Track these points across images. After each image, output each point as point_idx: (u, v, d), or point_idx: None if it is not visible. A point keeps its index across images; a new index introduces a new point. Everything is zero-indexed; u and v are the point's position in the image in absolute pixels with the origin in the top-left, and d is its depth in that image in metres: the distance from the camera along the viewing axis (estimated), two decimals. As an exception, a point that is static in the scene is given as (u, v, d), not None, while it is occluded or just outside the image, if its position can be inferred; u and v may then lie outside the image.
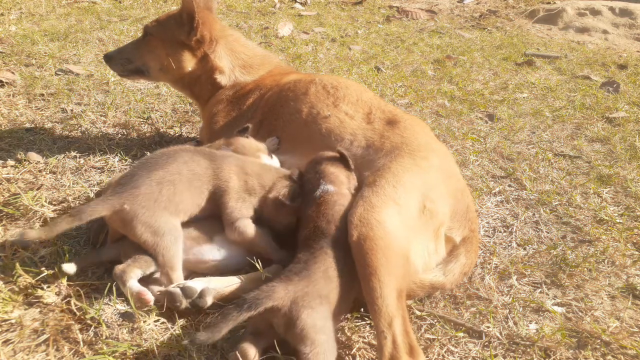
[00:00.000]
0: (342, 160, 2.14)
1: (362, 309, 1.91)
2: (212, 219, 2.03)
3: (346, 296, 1.74)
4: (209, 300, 1.82)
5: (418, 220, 1.96)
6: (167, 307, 1.79)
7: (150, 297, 1.78)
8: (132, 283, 1.80)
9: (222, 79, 2.87)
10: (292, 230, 2.06)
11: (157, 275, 1.90)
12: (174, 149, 2.05)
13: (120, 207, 1.82)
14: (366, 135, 2.34)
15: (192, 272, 1.97)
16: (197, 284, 1.83)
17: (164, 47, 2.82)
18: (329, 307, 1.64)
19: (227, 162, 2.07)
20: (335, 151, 2.17)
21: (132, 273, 1.81)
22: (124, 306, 1.82)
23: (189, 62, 2.83)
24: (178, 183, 1.92)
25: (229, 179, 2.02)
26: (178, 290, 1.79)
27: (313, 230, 1.86)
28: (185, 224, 1.96)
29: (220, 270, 1.99)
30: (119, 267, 1.83)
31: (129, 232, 1.86)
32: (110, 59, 2.95)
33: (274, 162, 2.35)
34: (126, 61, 2.92)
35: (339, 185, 2.03)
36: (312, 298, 1.59)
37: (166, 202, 1.88)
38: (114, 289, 1.85)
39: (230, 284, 1.90)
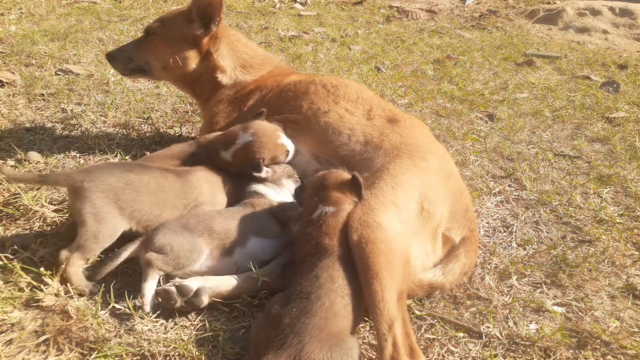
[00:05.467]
0: (354, 186, 1.97)
1: (363, 309, 1.90)
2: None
3: (358, 314, 1.72)
4: (205, 300, 1.82)
5: (417, 221, 1.96)
6: (166, 307, 1.79)
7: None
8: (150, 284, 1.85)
9: (224, 78, 2.89)
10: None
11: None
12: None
13: (80, 183, 1.91)
14: (365, 131, 2.34)
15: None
16: (193, 283, 1.83)
17: (168, 46, 2.83)
18: (337, 339, 1.55)
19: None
20: (343, 172, 2.04)
21: (155, 273, 1.85)
22: (123, 306, 1.82)
23: (194, 60, 2.85)
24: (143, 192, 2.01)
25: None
26: (173, 289, 1.79)
27: (314, 247, 1.81)
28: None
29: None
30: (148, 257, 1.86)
31: (76, 207, 1.91)
32: (112, 57, 2.98)
33: (289, 142, 2.37)
34: (128, 60, 2.94)
35: (340, 205, 1.93)
36: (312, 350, 1.50)
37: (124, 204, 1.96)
38: (112, 289, 1.85)
39: (226, 283, 1.90)
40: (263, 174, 2.25)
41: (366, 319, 1.88)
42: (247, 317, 1.87)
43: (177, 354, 1.66)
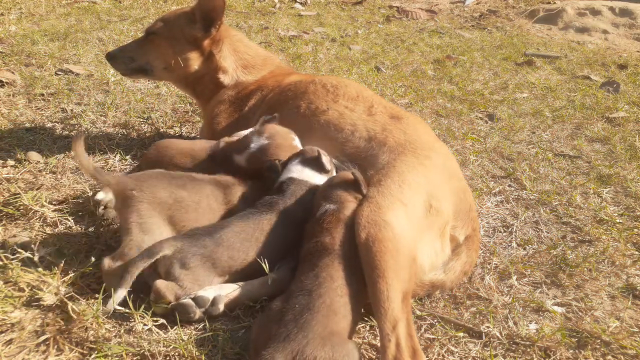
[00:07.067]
0: (355, 184, 2.00)
1: (361, 309, 1.90)
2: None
3: (356, 313, 1.71)
4: (221, 307, 1.81)
5: (424, 219, 1.95)
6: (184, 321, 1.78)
7: None
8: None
9: (225, 79, 2.89)
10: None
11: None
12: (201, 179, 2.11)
13: (130, 191, 1.91)
14: (367, 127, 2.34)
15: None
16: (209, 293, 1.81)
17: (170, 46, 2.83)
18: (338, 339, 1.55)
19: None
20: (350, 173, 2.04)
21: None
22: (123, 307, 1.82)
23: (196, 61, 2.85)
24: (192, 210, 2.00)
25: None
26: (190, 301, 1.77)
27: (314, 245, 1.81)
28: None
29: None
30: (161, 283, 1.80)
31: (123, 214, 1.92)
32: (113, 57, 2.96)
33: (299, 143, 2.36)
34: (129, 60, 2.92)
35: (342, 204, 1.93)
36: (315, 347, 1.50)
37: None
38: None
39: (241, 289, 1.88)
40: (328, 166, 2.16)
41: (366, 318, 1.88)
42: (247, 317, 1.86)
43: (177, 354, 1.66)
